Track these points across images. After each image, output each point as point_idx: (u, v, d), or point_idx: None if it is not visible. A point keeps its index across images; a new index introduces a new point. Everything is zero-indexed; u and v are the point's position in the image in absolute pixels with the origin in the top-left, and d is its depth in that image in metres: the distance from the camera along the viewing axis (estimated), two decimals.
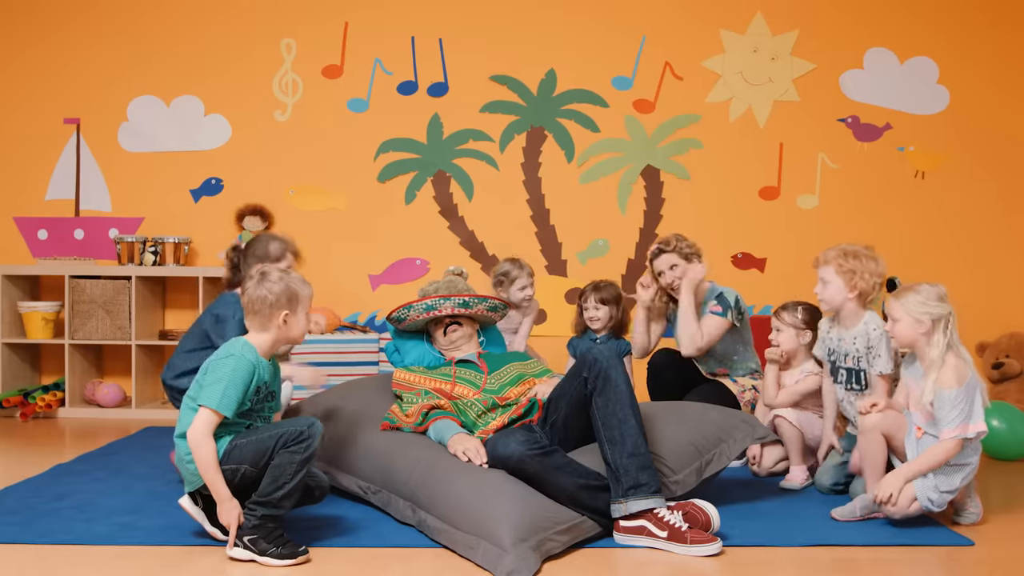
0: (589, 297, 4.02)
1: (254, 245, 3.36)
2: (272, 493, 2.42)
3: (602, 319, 3.99)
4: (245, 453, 2.45)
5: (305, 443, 2.45)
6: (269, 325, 2.55)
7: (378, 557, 2.49)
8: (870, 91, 5.19)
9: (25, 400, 4.70)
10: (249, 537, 2.41)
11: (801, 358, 3.46)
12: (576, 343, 4.11)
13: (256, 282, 2.57)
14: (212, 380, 2.46)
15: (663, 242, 3.80)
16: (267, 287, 2.55)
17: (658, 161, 5.17)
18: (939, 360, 2.72)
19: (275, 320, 2.55)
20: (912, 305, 2.76)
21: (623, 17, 5.17)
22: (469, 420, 2.97)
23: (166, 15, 5.14)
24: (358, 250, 5.14)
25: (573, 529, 2.55)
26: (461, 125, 5.16)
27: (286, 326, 2.57)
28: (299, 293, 2.59)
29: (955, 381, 2.70)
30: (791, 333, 3.44)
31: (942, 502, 2.73)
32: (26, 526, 2.71)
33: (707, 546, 2.49)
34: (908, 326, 2.78)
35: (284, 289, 2.55)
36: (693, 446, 2.91)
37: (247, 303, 2.57)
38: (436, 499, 2.61)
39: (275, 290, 2.54)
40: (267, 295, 2.53)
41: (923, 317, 2.75)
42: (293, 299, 2.57)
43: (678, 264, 3.72)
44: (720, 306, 3.68)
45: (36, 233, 5.12)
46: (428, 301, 3.22)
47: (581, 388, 2.74)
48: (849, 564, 2.49)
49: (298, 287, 2.59)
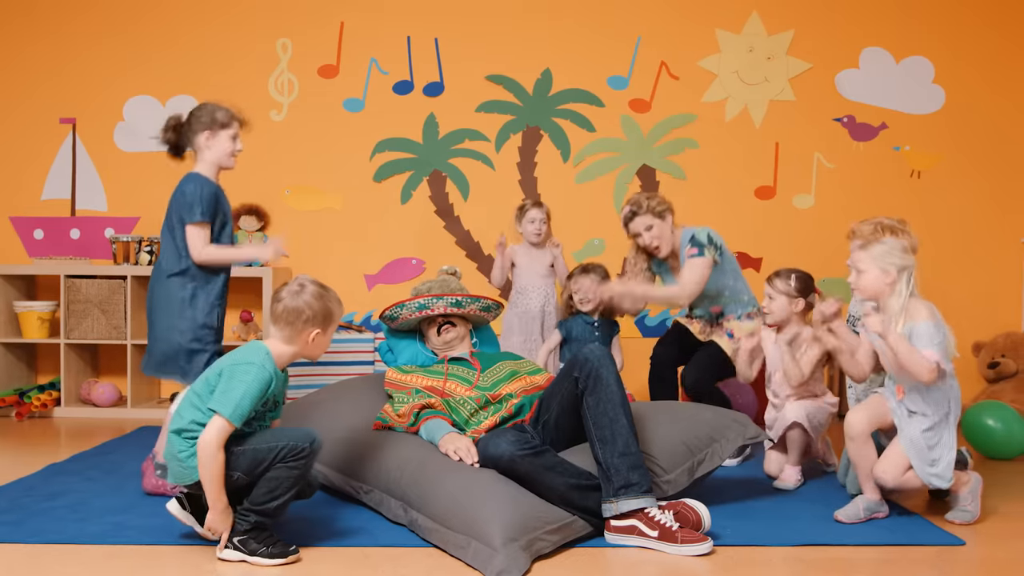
0: (579, 280, 4.03)
1: (199, 112, 3.14)
2: (266, 503, 2.41)
3: (594, 301, 4.00)
4: (240, 461, 2.41)
5: (304, 460, 2.44)
6: (297, 339, 2.48)
7: (369, 556, 2.49)
8: (866, 91, 5.19)
9: (20, 400, 4.70)
10: (239, 538, 2.41)
11: (793, 326, 3.42)
12: (567, 325, 4.10)
13: (294, 292, 2.48)
14: (229, 387, 2.38)
15: (634, 204, 3.82)
16: (305, 300, 2.47)
17: (654, 161, 5.17)
18: (902, 310, 2.76)
19: (304, 336, 2.48)
20: (879, 256, 2.80)
21: (619, 17, 5.17)
22: (461, 419, 2.98)
23: (161, 15, 5.15)
24: (354, 250, 5.14)
25: (564, 529, 2.55)
26: (457, 125, 5.16)
27: (312, 344, 2.50)
28: (334, 314, 2.52)
29: (928, 315, 2.74)
30: (783, 301, 3.41)
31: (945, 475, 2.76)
32: (18, 526, 2.71)
33: (698, 546, 2.50)
34: (875, 277, 2.81)
35: (322, 308, 2.48)
36: (685, 446, 2.91)
37: (282, 311, 2.47)
38: (427, 499, 2.61)
39: (315, 307, 2.47)
40: (305, 309, 2.46)
41: (889, 268, 2.78)
42: (328, 319, 2.50)
43: (653, 224, 3.77)
44: (695, 247, 3.70)
45: (32, 233, 5.13)
46: (421, 300, 3.22)
47: (572, 388, 2.74)
48: (840, 564, 2.49)
49: (334, 307, 2.53)
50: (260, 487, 2.42)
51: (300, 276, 2.55)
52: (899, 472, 2.76)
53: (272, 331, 2.53)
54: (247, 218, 5.03)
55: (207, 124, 3.11)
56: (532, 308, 4.21)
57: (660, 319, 5.18)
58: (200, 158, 3.15)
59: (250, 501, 2.42)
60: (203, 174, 3.12)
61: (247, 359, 2.44)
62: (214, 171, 3.15)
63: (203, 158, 3.15)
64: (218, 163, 3.15)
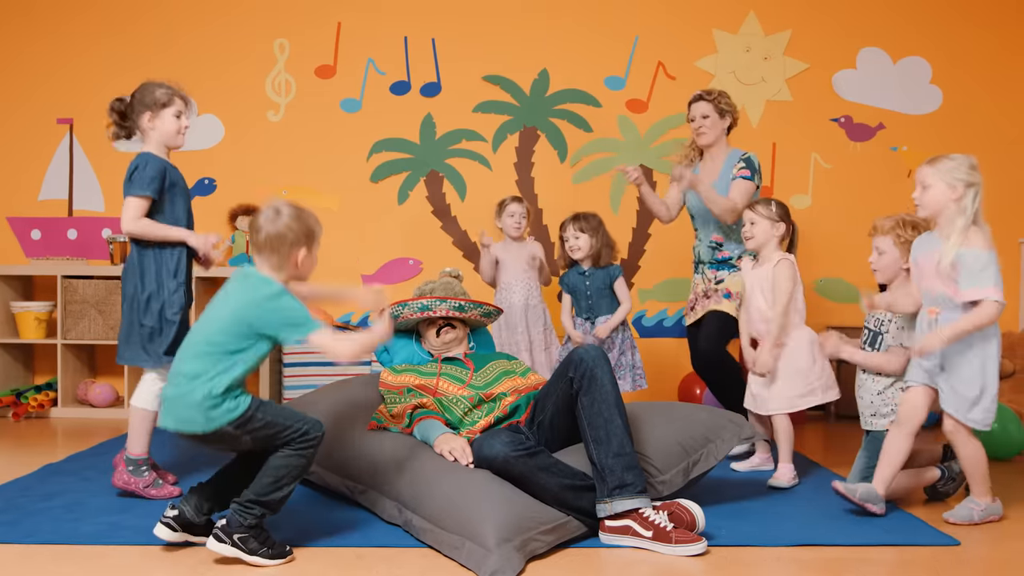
0: (568, 226, 4.07)
1: (141, 92, 3.11)
2: (271, 493, 2.41)
3: (583, 248, 4.02)
4: (256, 427, 2.41)
5: (313, 449, 2.46)
6: (286, 264, 2.47)
7: (363, 557, 2.49)
8: (863, 91, 5.19)
9: (17, 400, 4.70)
10: (240, 535, 2.39)
11: (771, 250, 3.47)
12: (565, 279, 4.14)
13: (271, 218, 2.45)
14: (289, 314, 2.39)
15: (705, 91, 3.96)
16: (285, 224, 2.45)
17: (651, 161, 5.17)
18: (964, 227, 2.73)
19: (292, 259, 2.47)
20: (946, 171, 2.78)
21: (616, 17, 5.17)
22: (455, 418, 2.98)
23: (159, 16, 5.15)
24: (351, 250, 5.14)
25: (558, 529, 2.55)
26: (454, 125, 5.16)
27: (301, 265, 2.49)
28: (315, 230, 2.51)
29: (984, 244, 2.71)
30: (766, 225, 3.45)
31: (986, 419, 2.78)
32: (13, 526, 2.71)
33: (692, 546, 2.49)
34: (940, 192, 2.78)
35: (303, 227, 2.47)
36: (680, 446, 2.90)
37: (264, 240, 2.45)
38: (422, 499, 2.61)
39: (296, 228, 2.45)
40: (287, 233, 2.44)
41: (956, 183, 2.76)
42: (311, 236, 2.49)
43: (709, 115, 3.90)
44: (748, 169, 3.84)
45: (29, 233, 5.13)
46: (424, 301, 3.22)
47: (567, 388, 2.74)
48: (835, 564, 2.49)
49: (314, 224, 2.51)
50: (265, 476, 2.41)
51: (274, 201, 2.51)
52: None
53: (258, 262, 2.49)
54: (244, 219, 5.03)
55: (148, 105, 3.07)
56: (515, 302, 4.21)
57: (657, 319, 5.18)
58: (147, 140, 3.11)
59: (255, 492, 2.40)
60: (154, 153, 3.08)
61: (268, 291, 2.41)
62: (163, 152, 3.11)
63: (149, 139, 3.10)
64: (164, 143, 3.10)
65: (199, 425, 2.39)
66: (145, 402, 3.05)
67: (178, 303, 3.07)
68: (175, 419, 2.42)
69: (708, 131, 3.93)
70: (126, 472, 3.04)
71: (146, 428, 3.05)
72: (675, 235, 4.96)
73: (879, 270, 3.15)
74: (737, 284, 3.80)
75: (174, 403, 2.42)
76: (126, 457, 3.05)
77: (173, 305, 3.06)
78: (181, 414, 2.40)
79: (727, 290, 3.86)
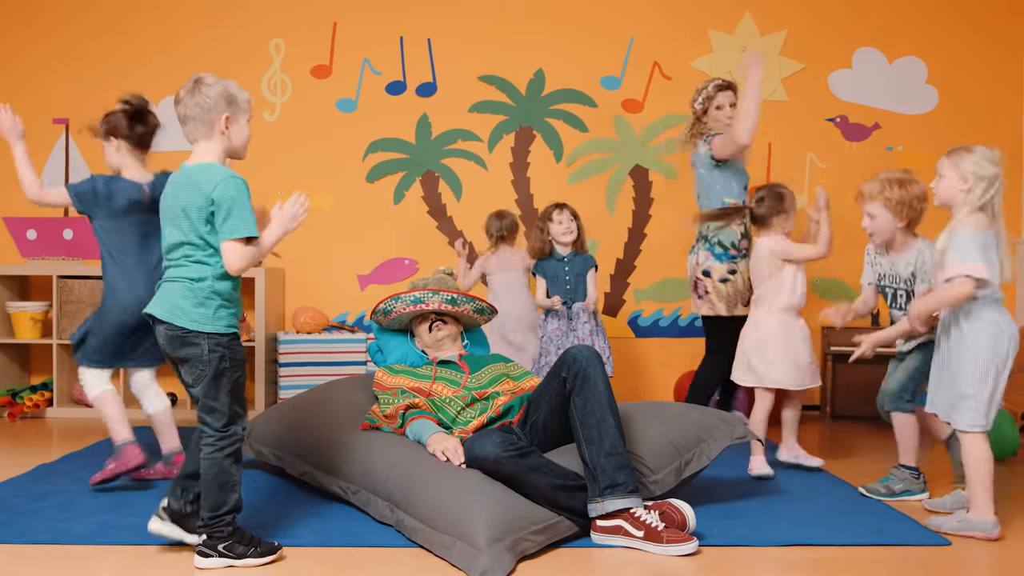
0: (557, 213, 4.14)
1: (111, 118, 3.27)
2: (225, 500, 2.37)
3: (574, 232, 4.12)
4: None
5: (238, 444, 2.42)
6: (213, 133, 2.43)
7: (355, 556, 2.49)
8: (859, 91, 5.19)
9: (13, 400, 4.71)
10: (224, 545, 2.37)
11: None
12: (542, 265, 4.20)
13: (190, 89, 2.43)
14: (231, 211, 2.33)
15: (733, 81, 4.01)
16: (203, 92, 2.42)
17: (647, 161, 5.17)
18: (966, 215, 2.73)
19: (218, 126, 2.42)
20: (960, 162, 2.79)
21: (611, 17, 5.17)
22: (448, 417, 2.98)
23: (155, 17, 5.15)
24: (347, 250, 5.14)
25: (549, 529, 2.55)
26: (450, 125, 5.16)
27: (230, 132, 2.44)
28: (236, 95, 2.46)
29: (972, 225, 2.70)
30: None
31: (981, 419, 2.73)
32: (5, 526, 2.71)
33: (683, 545, 2.50)
34: (952, 182, 2.79)
35: (222, 91, 2.43)
36: (672, 446, 2.91)
37: (185, 114, 2.42)
38: (413, 499, 2.61)
39: (213, 93, 2.42)
40: (205, 100, 2.41)
41: (967, 175, 2.76)
42: (232, 100, 2.44)
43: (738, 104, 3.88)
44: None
45: (25, 233, 5.13)
46: (416, 294, 3.22)
47: (560, 388, 2.74)
48: (826, 564, 2.49)
49: (235, 90, 2.47)
50: (210, 491, 2.36)
51: (193, 75, 2.47)
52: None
53: (190, 138, 2.46)
54: None
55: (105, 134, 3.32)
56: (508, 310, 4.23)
57: (653, 319, 5.19)
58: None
59: (211, 508, 2.36)
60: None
61: (212, 180, 2.35)
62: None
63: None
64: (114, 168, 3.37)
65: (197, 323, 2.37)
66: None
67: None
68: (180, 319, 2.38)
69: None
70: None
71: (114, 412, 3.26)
72: (670, 235, 4.96)
73: (875, 233, 3.17)
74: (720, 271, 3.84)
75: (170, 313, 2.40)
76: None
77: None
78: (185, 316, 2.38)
79: (706, 288, 3.86)
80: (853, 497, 3.17)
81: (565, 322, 4.12)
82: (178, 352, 2.38)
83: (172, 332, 2.37)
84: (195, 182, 2.37)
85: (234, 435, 2.40)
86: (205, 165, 2.41)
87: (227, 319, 2.42)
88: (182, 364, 2.40)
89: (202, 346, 2.36)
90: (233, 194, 2.35)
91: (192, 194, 2.36)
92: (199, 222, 2.36)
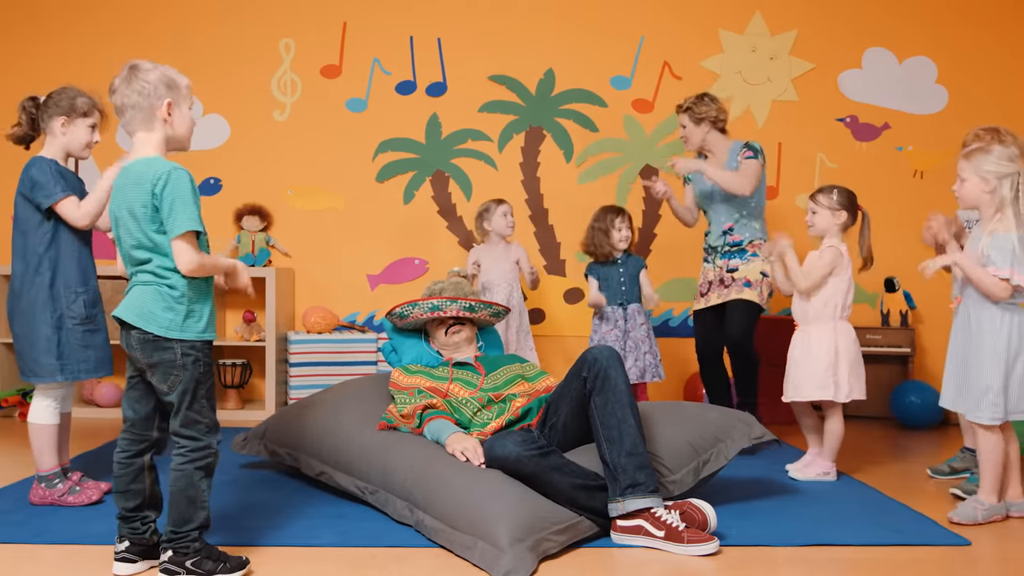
0: (617, 219, 4.15)
1: (58, 96, 2.98)
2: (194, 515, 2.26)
3: (629, 238, 4.17)
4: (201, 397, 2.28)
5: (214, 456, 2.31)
6: (153, 121, 2.27)
7: (376, 557, 2.49)
8: (868, 91, 5.19)
9: (24, 400, 4.70)
10: (192, 561, 2.25)
11: (831, 237, 3.47)
12: (597, 270, 4.19)
13: (125, 77, 2.27)
14: (173, 207, 2.18)
15: (688, 100, 4.11)
16: (141, 78, 2.26)
17: (657, 161, 5.17)
18: (997, 214, 2.77)
19: (159, 113, 2.27)
20: (979, 164, 2.81)
21: (622, 17, 5.17)
22: (465, 418, 2.98)
23: (164, 17, 5.14)
24: (356, 250, 5.14)
25: (570, 529, 2.55)
26: (460, 125, 5.16)
27: (172, 120, 2.29)
28: (176, 80, 2.31)
29: (1015, 227, 2.75)
30: (826, 213, 3.46)
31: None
32: (22, 526, 2.71)
33: (704, 545, 2.49)
34: (975, 185, 2.83)
35: (161, 76, 2.28)
36: (691, 446, 2.91)
37: (122, 103, 2.26)
38: (433, 499, 2.61)
39: (152, 78, 2.26)
40: (145, 85, 2.25)
41: (988, 175, 2.79)
42: (172, 85, 2.29)
43: (686, 126, 4.10)
44: (751, 151, 4.00)
45: None
46: (434, 301, 3.22)
47: (580, 388, 2.74)
48: (846, 564, 2.49)
49: (174, 75, 2.31)
50: (180, 506, 2.25)
51: (128, 62, 2.31)
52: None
53: (128, 129, 2.30)
54: (250, 218, 5.03)
55: (65, 110, 2.96)
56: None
57: (663, 319, 5.18)
58: (49, 143, 2.99)
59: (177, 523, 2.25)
60: (48, 157, 2.96)
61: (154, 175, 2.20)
62: (62, 158, 3.00)
63: (53, 143, 2.98)
64: (68, 151, 3.01)
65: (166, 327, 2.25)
66: (41, 417, 3.02)
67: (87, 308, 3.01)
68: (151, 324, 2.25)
69: (689, 140, 4.15)
70: (40, 488, 2.97)
71: (49, 443, 3.01)
72: (680, 235, 4.95)
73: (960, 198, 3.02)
74: (755, 272, 3.94)
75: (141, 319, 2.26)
76: (37, 475, 2.99)
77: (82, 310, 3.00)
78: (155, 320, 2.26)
79: (747, 279, 3.94)
80: (868, 497, 3.17)
81: (622, 323, 4.10)
82: (151, 358, 2.26)
83: (143, 336, 2.25)
84: (138, 178, 2.22)
85: (208, 447, 2.28)
86: (146, 160, 2.25)
87: (200, 324, 2.29)
88: (154, 369, 2.27)
89: (175, 350, 2.25)
90: (175, 188, 2.19)
91: (136, 191, 2.22)
92: (146, 221, 2.22)
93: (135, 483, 2.35)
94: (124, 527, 2.35)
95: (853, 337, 3.40)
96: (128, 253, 2.29)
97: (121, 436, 2.37)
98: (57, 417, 3.04)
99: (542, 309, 5.11)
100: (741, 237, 4.02)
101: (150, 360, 2.26)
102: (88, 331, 3.00)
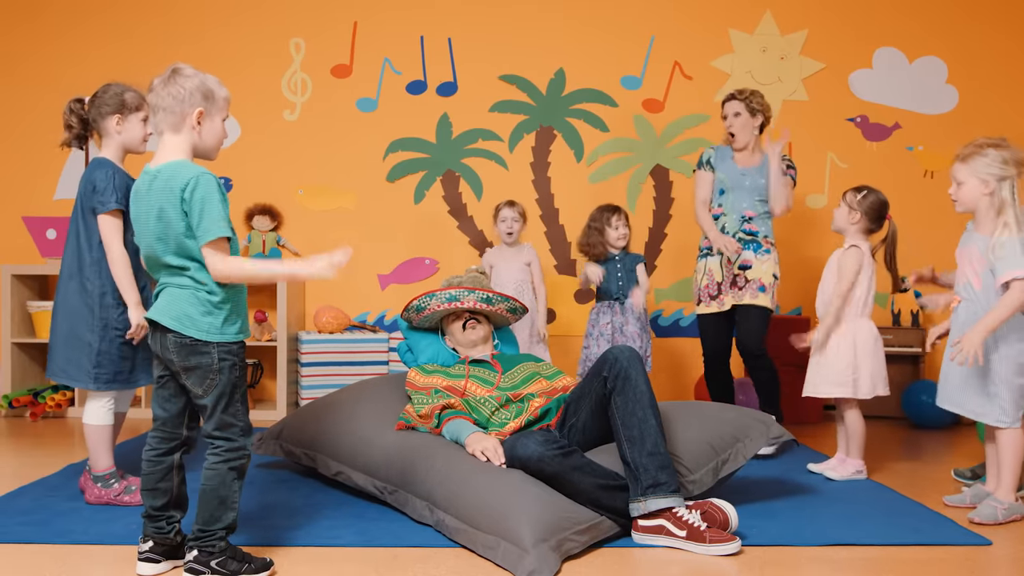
0: (614, 217, 4.14)
1: (105, 95, 2.97)
2: (224, 515, 2.27)
3: (627, 236, 4.16)
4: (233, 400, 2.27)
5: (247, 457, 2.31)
6: (182, 126, 2.26)
7: (398, 557, 2.49)
8: (879, 91, 5.19)
9: (35, 400, 4.70)
10: (217, 561, 2.25)
11: (851, 236, 3.49)
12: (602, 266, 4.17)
13: (165, 79, 2.25)
14: (202, 212, 2.18)
15: (738, 90, 4.07)
16: (178, 83, 2.24)
17: (667, 160, 5.17)
18: (999, 216, 2.78)
19: (188, 120, 2.25)
20: (977, 166, 2.81)
21: (632, 17, 5.17)
22: (483, 417, 2.97)
23: (175, 16, 5.14)
24: (367, 250, 5.14)
25: (592, 529, 2.55)
26: (470, 125, 5.16)
27: (200, 128, 2.27)
28: (215, 91, 2.29)
29: (1016, 230, 2.76)
30: (844, 211, 3.48)
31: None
32: (43, 526, 2.70)
33: (726, 545, 2.49)
34: (973, 187, 2.83)
35: (199, 84, 2.26)
36: (709, 445, 2.90)
37: (156, 103, 2.25)
38: (454, 499, 2.60)
39: (189, 85, 2.24)
40: (180, 91, 2.24)
41: (988, 178, 2.80)
42: (208, 95, 2.28)
43: (741, 114, 4.03)
44: (793, 170, 4.07)
45: (45, 233, 5.11)
46: (452, 291, 3.22)
47: (601, 387, 2.74)
48: (867, 563, 2.49)
49: (214, 85, 2.30)
50: (211, 505, 2.25)
51: (172, 64, 2.30)
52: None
53: (157, 129, 2.28)
54: (260, 218, 5.03)
55: (116, 107, 2.95)
56: None
57: (673, 319, 5.18)
58: (106, 144, 2.97)
59: (207, 522, 2.25)
60: (111, 160, 2.95)
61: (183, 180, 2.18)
62: (121, 156, 2.98)
63: (110, 143, 2.97)
64: (127, 148, 2.99)
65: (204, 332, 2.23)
66: (96, 418, 2.99)
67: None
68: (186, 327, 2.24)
69: (740, 130, 4.02)
70: (96, 488, 2.96)
71: (104, 443, 2.99)
72: (691, 235, 4.95)
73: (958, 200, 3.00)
74: (768, 275, 3.93)
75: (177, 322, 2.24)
76: (92, 475, 2.98)
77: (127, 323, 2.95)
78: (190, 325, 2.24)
79: (760, 282, 3.92)
80: (886, 497, 3.17)
81: (619, 318, 4.08)
82: (187, 361, 2.24)
83: (181, 341, 2.23)
84: (166, 184, 2.20)
85: (243, 448, 2.29)
86: (173, 164, 2.23)
87: (235, 326, 2.28)
88: (189, 373, 2.25)
89: (212, 355, 2.24)
90: (204, 193, 2.18)
91: (165, 197, 2.20)
92: (179, 227, 2.20)
93: (163, 482, 2.35)
94: (149, 526, 2.35)
95: (875, 335, 3.40)
96: (157, 258, 2.26)
97: (151, 434, 2.38)
98: (111, 417, 3.01)
99: (553, 309, 5.11)
100: (758, 229, 4.00)
101: (186, 364, 2.25)
102: (129, 343, 2.95)
